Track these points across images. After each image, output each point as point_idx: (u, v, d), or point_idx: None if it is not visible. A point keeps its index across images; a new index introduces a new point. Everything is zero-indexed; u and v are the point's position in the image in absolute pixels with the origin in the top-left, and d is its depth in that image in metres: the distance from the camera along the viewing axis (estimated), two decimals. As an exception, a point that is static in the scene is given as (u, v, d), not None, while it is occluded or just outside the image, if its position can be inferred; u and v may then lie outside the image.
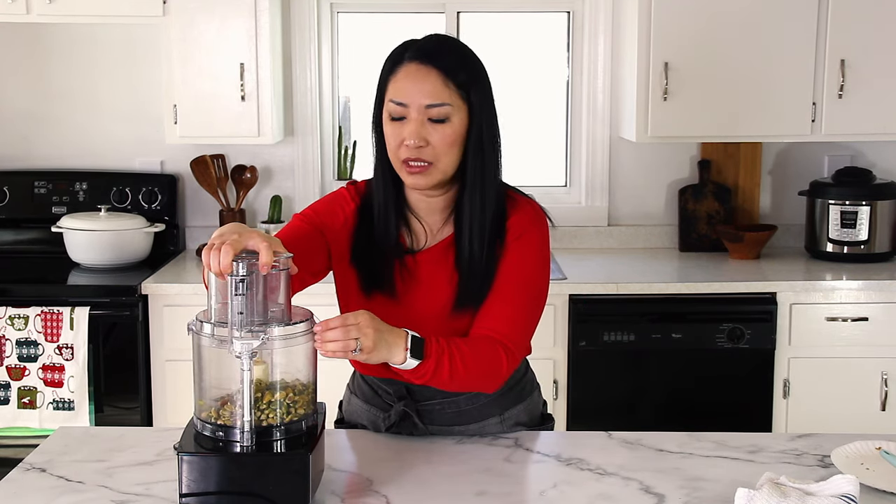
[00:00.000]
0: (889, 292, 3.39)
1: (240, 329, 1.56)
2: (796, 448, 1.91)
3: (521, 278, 1.89)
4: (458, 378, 1.79)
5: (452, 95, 1.82)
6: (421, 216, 1.95)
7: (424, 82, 1.81)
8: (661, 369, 3.41)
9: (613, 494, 1.71)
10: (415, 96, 1.81)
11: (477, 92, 1.85)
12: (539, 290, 1.93)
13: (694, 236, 3.89)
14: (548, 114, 4.05)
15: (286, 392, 1.62)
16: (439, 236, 1.95)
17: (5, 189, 3.85)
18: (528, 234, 1.91)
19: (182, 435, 1.63)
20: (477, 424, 1.98)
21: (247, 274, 1.56)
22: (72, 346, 3.31)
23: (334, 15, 3.95)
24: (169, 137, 3.62)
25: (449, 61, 1.83)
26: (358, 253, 1.93)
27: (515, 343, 1.87)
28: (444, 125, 1.82)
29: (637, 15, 3.52)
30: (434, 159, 1.83)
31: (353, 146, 3.93)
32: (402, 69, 1.83)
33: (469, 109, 1.84)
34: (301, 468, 1.57)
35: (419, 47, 1.85)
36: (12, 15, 3.49)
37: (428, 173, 1.84)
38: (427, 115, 1.81)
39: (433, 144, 1.82)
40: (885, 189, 3.70)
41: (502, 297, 1.88)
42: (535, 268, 1.91)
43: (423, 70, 1.82)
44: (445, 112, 1.81)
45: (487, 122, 1.86)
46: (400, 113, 1.83)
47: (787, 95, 3.55)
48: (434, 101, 1.81)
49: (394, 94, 1.83)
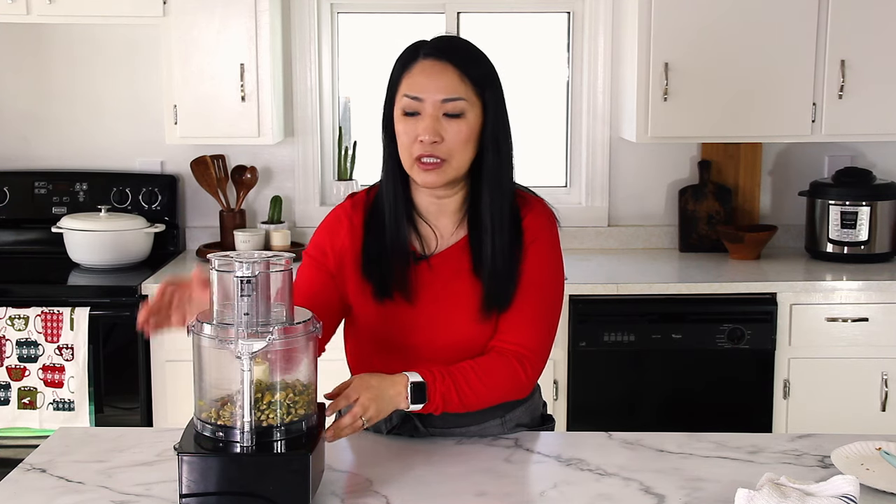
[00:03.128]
0: (889, 293, 3.39)
1: (245, 330, 1.56)
2: (796, 448, 1.91)
3: (538, 285, 1.89)
4: (471, 403, 1.82)
5: (468, 91, 1.81)
6: (431, 220, 1.93)
7: (440, 77, 1.81)
8: (662, 370, 3.41)
9: (613, 495, 1.71)
10: (430, 91, 1.80)
11: (491, 90, 1.85)
12: (556, 294, 1.94)
13: (694, 237, 3.89)
14: (548, 114, 4.05)
15: (286, 392, 1.61)
16: (451, 240, 1.93)
17: (5, 189, 3.85)
18: (543, 238, 1.92)
19: (182, 435, 1.63)
20: (478, 426, 1.97)
21: (252, 275, 1.57)
22: (72, 347, 3.31)
23: (334, 15, 3.95)
24: (169, 138, 3.62)
25: (464, 58, 1.83)
26: (369, 262, 1.91)
27: (534, 351, 1.88)
28: (459, 120, 1.81)
29: (637, 15, 3.53)
30: (448, 156, 1.82)
31: (353, 146, 3.93)
32: (416, 65, 1.83)
33: (483, 107, 1.84)
34: (301, 468, 1.57)
35: (434, 45, 1.85)
36: (12, 15, 3.49)
37: (441, 170, 1.82)
38: (443, 109, 1.80)
39: (447, 141, 1.81)
40: (885, 189, 3.69)
41: (520, 306, 1.88)
42: (551, 273, 1.92)
43: (438, 65, 1.81)
44: (461, 107, 1.81)
45: (501, 121, 1.86)
46: (414, 108, 1.82)
47: (787, 96, 3.55)
48: (450, 96, 1.80)
49: (408, 88, 1.82)
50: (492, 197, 1.86)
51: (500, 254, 1.87)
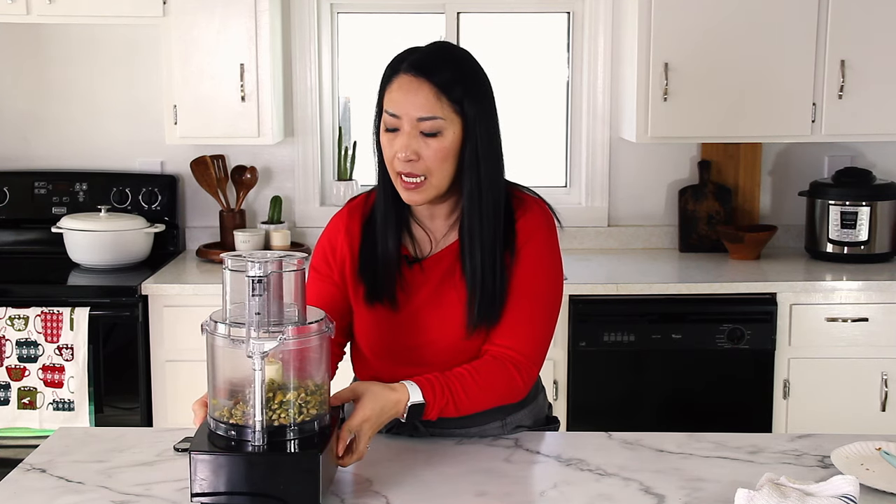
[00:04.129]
0: (889, 293, 3.39)
1: (257, 329, 1.56)
2: (796, 448, 1.90)
3: (532, 289, 1.88)
4: (466, 409, 1.83)
5: (445, 109, 1.79)
6: (425, 223, 1.94)
7: (417, 95, 1.79)
8: (661, 370, 3.41)
9: (613, 495, 1.71)
10: (407, 109, 1.79)
11: (473, 104, 1.81)
12: (552, 297, 1.91)
13: (694, 237, 3.89)
14: (548, 114, 4.05)
15: (299, 392, 1.62)
16: (444, 242, 1.93)
17: (5, 189, 3.85)
18: (537, 239, 1.89)
19: (195, 434, 1.64)
20: (478, 428, 1.98)
21: (264, 275, 1.57)
22: (72, 347, 3.31)
23: (334, 15, 3.95)
24: (169, 138, 3.62)
25: (443, 76, 1.80)
26: (363, 264, 1.93)
27: (529, 357, 1.87)
28: (435, 139, 1.80)
29: (637, 15, 3.53)
30: (427, 173, 1.81)
31: (353, 147, 3.93)
32: (396, 80, 1.82)
33: (464, 123, 1.81)
34: (312, 468, 1.57)
35: (415, 60, 1.82)
36: (12, 15, 3.49)
37: (422, 189, 1.83)
38: (419, 127, 1.79)
39: (425, 159, 1.80)
40: (885, 189, 3.70)
41: (515, 311, 1.86)
42: (546, 275, 1.90)
43: (415, 83, 1.79)
44: (437, 126, 1.79)
45: (485, 135, 1.83)
46: (393, 124, 1.82)
47: (787, 96, 3.55)
48: (425, 115, 1.79)
49: (388, 104, 1.82)
50: (471, 213, 1.84)
51: (485, 269, 1.85)
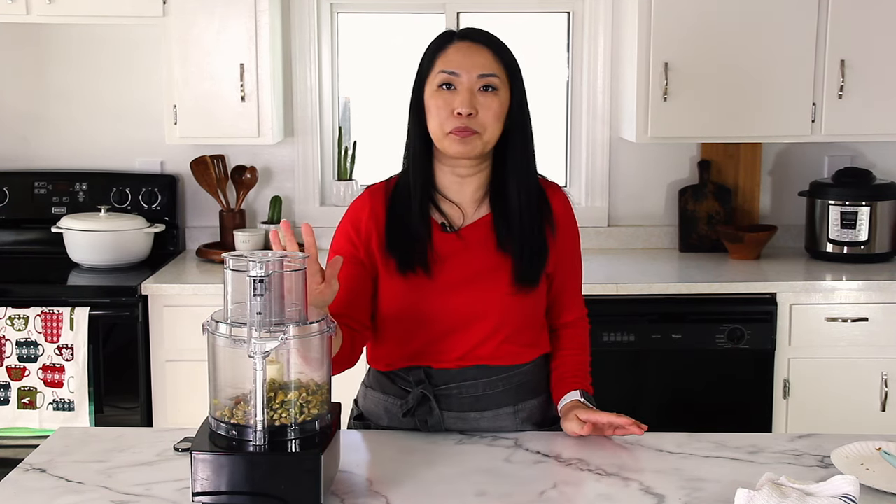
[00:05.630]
0: (889, 293, 3.39)
1: (258, 329, 1.57)
2: (796, 448, 1.91)
3: (579, 262, 2.15)
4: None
5: (501, 71, 1.94)
6: (453, 198, 2.01)
7: (477, 55, 1.93)
8: (661, 370, 3.41)
9: (613, 495, 1.71)
10: (467, 66, 1.92)
11: (517, 75, 1.98)
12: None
13: (694, 237, 3.89)
14: (548, 114, 4.05)
15: (300, 392, 1.62)
16: (476, 216, 2.02)
17: (5, 189, 3.85)
18: (572, 218, 2.11)
19: (196, 433, 1.64)
20: (491, 412, 2.00)
21: (265, 274, 1.57)
22: (72, 347, 3.31)
23: (334, 15, 3.95)
24: (169, 138, 3.62)
25: (498, 44, 1.97)
26: (392, 238, 1.98)
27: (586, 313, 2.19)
28: (493, 95, 1.92)
29: (637, 15, 3.53)
30: (481, 129, 1.92)
31: (353, 146, 3.93)
32: (452, 46, 1.95)
33: (511, 88, 1.96)
34: (314, 468, 1.57)
35: (468, 31, 1.98)
36: (12, 15, 3.49)
37: (473, 141, 1.92)
38: (479, 83, 1.92)
39: (481, 114, 1.91)
40: (885, 189, 3.70)
41: (573, 283, 2.13)
42: (580, 250, 2.17)
43: (474, 47, 1.95)
44: (496, 83, 1.93)
45: (525, 104, 2.00)
46: (452, 81, 1.92)
47: (787, 95, 3.55)
48: (486, 72, 1.92)
49: (445, 65, 1.93)
50: (518, 176, 1.99)
51: (530, 231, 1.98)
